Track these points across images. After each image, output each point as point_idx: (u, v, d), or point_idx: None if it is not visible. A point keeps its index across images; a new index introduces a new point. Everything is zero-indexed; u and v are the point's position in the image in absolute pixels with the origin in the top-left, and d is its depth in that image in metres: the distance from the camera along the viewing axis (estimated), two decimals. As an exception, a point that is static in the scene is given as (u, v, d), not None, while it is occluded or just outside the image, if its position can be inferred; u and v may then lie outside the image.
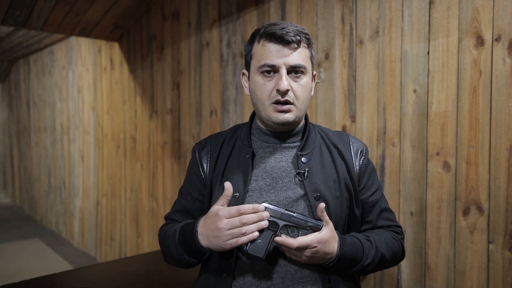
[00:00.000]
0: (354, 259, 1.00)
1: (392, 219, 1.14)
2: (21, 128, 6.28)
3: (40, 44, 5.05)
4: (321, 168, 1.06)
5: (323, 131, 1.15)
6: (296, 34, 1.00)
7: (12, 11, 2.83)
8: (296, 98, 1.01)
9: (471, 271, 1.39)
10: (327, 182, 1.04)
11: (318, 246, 0.93)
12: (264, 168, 1.06)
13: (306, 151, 1.07)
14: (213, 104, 2.52)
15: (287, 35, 0.99)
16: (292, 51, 1.00)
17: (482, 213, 1.37)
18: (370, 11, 1.66)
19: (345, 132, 1.18)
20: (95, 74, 3.99)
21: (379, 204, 1.12)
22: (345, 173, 1.07)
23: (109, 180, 3.81)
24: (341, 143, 1.12)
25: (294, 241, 0.92)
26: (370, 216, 1.11)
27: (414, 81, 1.53)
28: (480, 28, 1.35)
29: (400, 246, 1.10)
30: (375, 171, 1.16)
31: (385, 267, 1.10)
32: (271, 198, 1.02)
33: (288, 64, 1.00)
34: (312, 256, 0.94)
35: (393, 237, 1.10)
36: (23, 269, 3.70)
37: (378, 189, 1.13)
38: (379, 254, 1.03)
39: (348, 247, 0.99)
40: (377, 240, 1.05)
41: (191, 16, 2.68)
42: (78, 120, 4.39)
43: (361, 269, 1.01)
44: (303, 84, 1.02)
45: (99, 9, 2.99)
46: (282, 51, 1.00)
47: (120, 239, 3.64)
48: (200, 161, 1.13)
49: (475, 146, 1.37)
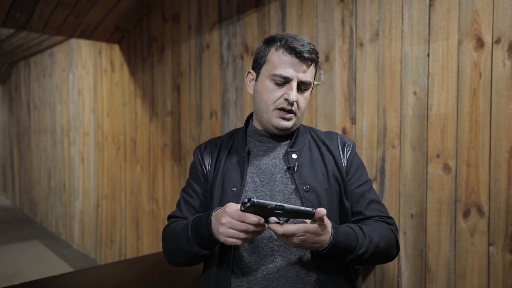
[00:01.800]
0: (348, 248, 1.02)
1: (383, 211, 1.18)
2: (22, 130, 6.28)
3: (40, 46, 5.05)
4: (310, 163, 1.14)
5: (313, 131, 1.25)
6: (312, 52, 1.09)
7: (13, 13, 2.83)
8: (298, 109, 1.11)
9: (472, 273, 1.39)
10: (316, 175, 1.12)
11: (306, 235, 0.96)
12: (259, 166, 1.14)
13: (296, 148, 1.16)
14: (213, 106, 2.52)
15: (307, 53, 1.07)
16: (306, 67, 1.09)
17: (482, 215, 1.36)
18: (370, 14, 1.67)
19: (334, 132, 1.26)
20: (96, 76, 3.99)
21: (367, 196, 1.17)
22: (333, 167, 1.15)
23: (109, 182, 3.81)
24: (329, 140, 1.20)
25: (280, 228, 0.95)
26: (358, 206, 1.16)
27: (414, 83, 1.53)
28: (480, 30, 1.36)
29: (393, 237, 1.12)
30: (364, 166, 1.22)
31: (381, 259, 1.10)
32: (265, 192, 1.10)
33: (300, 79, 1.09)
34: (300, 244, 0.97)
35: (386, 227, 1.12)
36: (23, 271, 3.70)
37: (366, 181, 1.19)
38: (373, 244, 1.05)
39: (342, 235, 1.01)
40: (369, 230, 1.07)
41: (191, 18, 2.69)
42: (78, 122, 4.39)
43: (355, 258, 1.04)
44: (306, 97, 1.12)
45: (99, 11, 3.00)
46: (297, 66, 1.08)
47: (120, 241, 3.63)
48: (203, 160, 1.22)
49: (475, 148, 1.37)
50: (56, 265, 3.92)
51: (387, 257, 1.12)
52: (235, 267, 1.08)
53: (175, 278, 1.66)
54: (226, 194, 1.12)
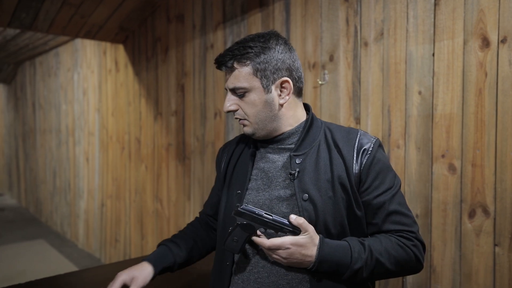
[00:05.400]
0: (340, 263, 0.96)
1: (404, 223, 1.04)
2: (27, 130, 6.31)
3: (45, 46, 5.08)
4: (314, 168, 1.05)
5: (330, 130, 1.11)
6: (229, 57, 1.03)
7: (19, 13, 2.85)
8: (246, 115, 1.07)
9: (477, 274, 1.38)
10: (318, 183, 1.03)
11: (292, 248, 0.95)
12: (263, 168, 1.11)
13: (301, 151, 1.07)
14: (217, 106, 2.53)
15: (221, 62, 1.05)
16: (229, 74, 1.06)
17: (488, 215, 1.36)
18: (374, 13, 1.66)
19: (355, 129, 1.11)
20: (100, 76, 4.01)
21: (386, 207, 1.03)
22: (341, 173, 1.03)
23: (113, 182, 3.82)
24: (344, 142, 1.07)
25: (267, 241, 0.96)
26: (376, 218, 1.05)
27: (419, 83, 1.53)
28: (485, 29, 1.35)
29: (407, 254, 1.01)
30: (387, 170, 1.06)
31: (392, 275, 1.04)
32: (266, 196, 1.07)
33: (228, 87, 1.07)
34: (289, 258, 0.96)
35: (398, 243, 1.01)
36: (28, 270, 3.72)
37: (388, 190, 1.04)
38: (373, 259, 0.98)
39: (329, 249, 0.96)
40: (373, 245, 0.99)
41: (195, 18, 2.69)
42: (83, 122, 4.41)
43: (351, 274, 0.97)
44: (248, 101, 1.06)
45: (104, 11, 3.01)
46: (226, 75, 1.07)
47: (125, 240, 3.65)
48: (220, 160, 1.26)
49: (481, 148, 1.37)
50: (61, 264, 3.94)
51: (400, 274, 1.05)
52: (236, 266, 1.10)
53: (180, 278, 1.66)
54: (232, 195, 1.13)
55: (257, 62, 1.03)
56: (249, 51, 1.03)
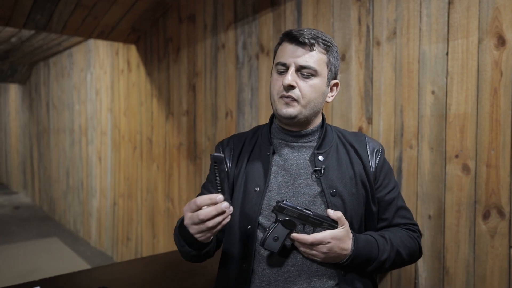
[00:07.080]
0: (369, 256, 1.03)
1: (409, 218, 1.18)
2: (41, 130, 6.41)
3: (59, 47, 5.15)
4: (337, 166, 1.10)
5: (340, 132, 1.20)
6: (312, 37, 1.05)
7: (33, 15, 2.90)
8: (302, 96, 1.05)
9: (492, 276, 1.36)
10: (343, 179, 1.08)
11: (333, 242, 0.98)
12: (283, 166, 1.11)
13: (323, 149, 1.12)
14: (228, 106, 2.53)
15: (301, 37, 1.04)
16: (305, 52, 1.04)
17: (503, 217, 1.33)
18: (387, 12, 1.65)
19: (361, 133, 1.22)
20: (113, 76, 4.05)
21: (396, 202, 1.15)
22: (361, 171, 1.11)
23: (125, 181, 3.86)
24: (357, 143, 1.16)
25: (309, 237, 0.98)
26: (386, 213, 1.15)
27: (432, 82, 1.51)
28: (501, 28, 1.33)
29: (416, 244, 1.14)
30: (392, 170, 1.20)
31: (403, 265, 1.14)
32: (290, 194, 1.07)
33: (297, 63, 1.04)
34: (327, 253, 0.99)
35: (409, 235, 1.13)
36: (42, 267, 3.78)
37: (394, 187, 1.17)
38: (394, 250, 1.07)
39: (362, 244, 1.02)
40: (392, 237, 1.09)
41: (207, 19, 2.70)
42: (95, 122, 4.46)
43: (378, 265, 1.04)
44: (311, 84, 1.05)
45: (117, 12, 3.04)
46: (295, 52, 1.05)
47: (136, 239, 3.68)
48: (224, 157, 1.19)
49: (496, 148, 1.34)
50: (74, 262, 3.99)
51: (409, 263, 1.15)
52: (256, 267, 1.06)
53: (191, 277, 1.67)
54: (249, 193, 1.09)
55: (331, 56, 1.09)
56: (330, 42, 1.08)
